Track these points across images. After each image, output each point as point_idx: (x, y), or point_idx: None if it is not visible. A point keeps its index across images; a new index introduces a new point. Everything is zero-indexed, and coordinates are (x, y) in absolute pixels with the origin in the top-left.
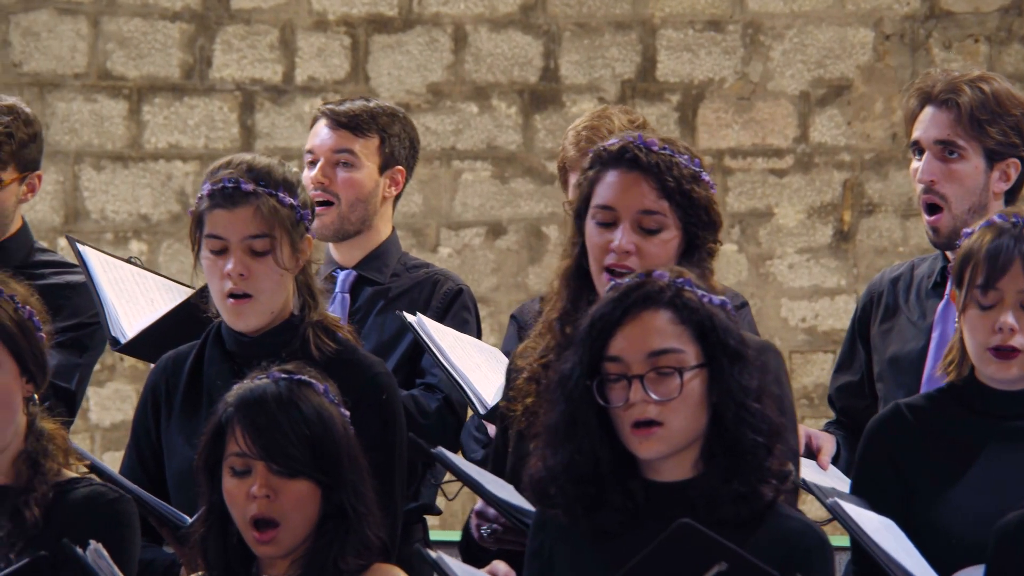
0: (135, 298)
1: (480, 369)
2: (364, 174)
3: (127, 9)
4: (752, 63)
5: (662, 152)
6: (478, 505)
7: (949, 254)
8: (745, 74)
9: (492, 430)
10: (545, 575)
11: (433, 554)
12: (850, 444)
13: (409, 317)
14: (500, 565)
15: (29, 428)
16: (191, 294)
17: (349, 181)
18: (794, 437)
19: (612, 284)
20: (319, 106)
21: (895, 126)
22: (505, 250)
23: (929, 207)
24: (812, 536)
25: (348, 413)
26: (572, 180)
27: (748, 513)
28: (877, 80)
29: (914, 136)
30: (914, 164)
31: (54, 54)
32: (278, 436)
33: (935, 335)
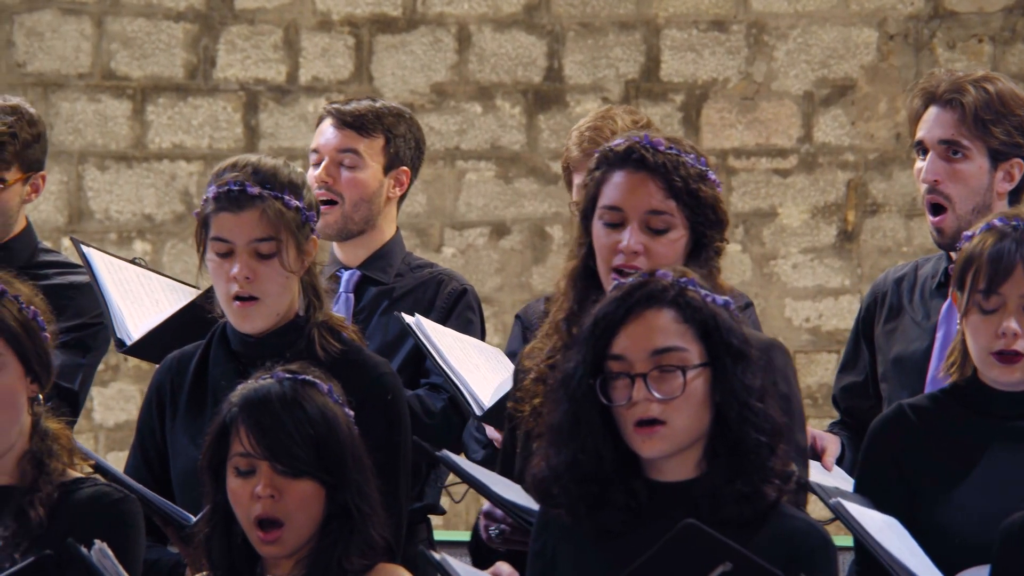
0: (140, 299)
1: (479, 370)
2: (368, 174)
3: (131, 9)
4: (756, 63)
5: (668, 152)
6: (486, 506)
7: (953, 254)
8: (749, 74)
9: (490, 431)
10: (548, 575)
11: (437, 556)
12: (854, 445)
13: (407, 318)
14: (503, 567)
15: (34, 428)
16: (197, 295)
17: (353, 181)
18: (803, 435)
19: (616, 283)
20: (325, 105)
21: (899, 126)
22: (509, 250)
23: (933, 207)
24: (815, 536)
25: (352, 413)
26: (576, 180)
27: (751, 513)
28: (881, 80)
29: (918, 136)
30: (918, 164)
31: (58, 54)
32: (282, 436)
33: (939, 335)
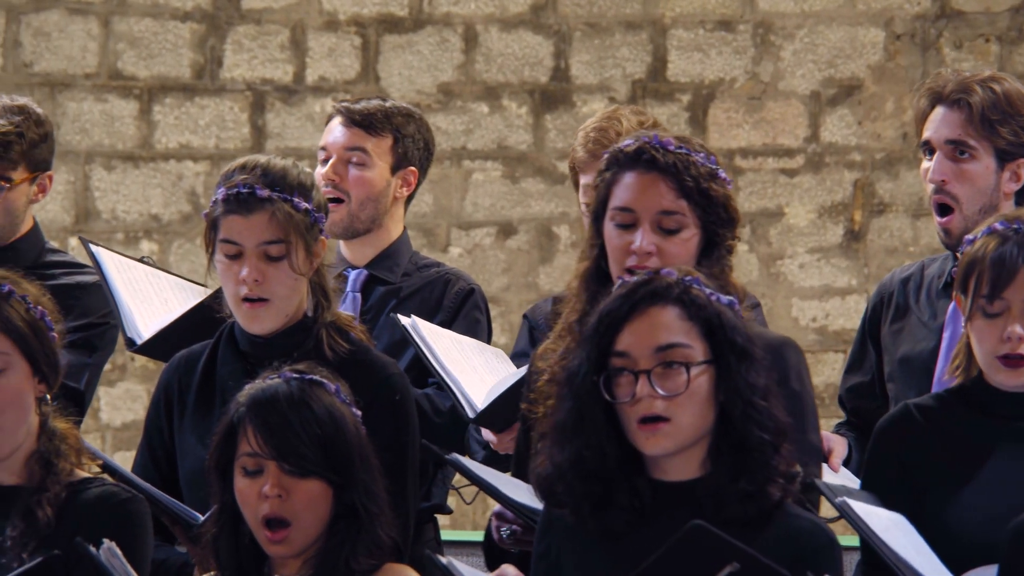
0: (149, 298)
1: (475, 372)
2: (375, 173)
3: (138, 9)
4: (763, 63)
5: (679, 151)
6: (497, 507)
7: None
8: (756, 74)
9: (486, 433)
10: None
11: (444, 559)
12: (861, 446)
13: (403, 320)
14: (509, 569)
15: (42, 428)
16: (206, 296)
17: (360, 179)
18: (816, 435)
19: (620, 281)
20: (335, 103)
21: (906, 126)
22: (516, 250)
23: (940, 208)
24: (821, 535)
25: (360, 413)
26: (583, 181)
27: (755, 512)
28: (888, 80)
29: (925, 136)
30: (924, 164)
31: (65, 54)
32: (290, 436)
33: (946, 335)
